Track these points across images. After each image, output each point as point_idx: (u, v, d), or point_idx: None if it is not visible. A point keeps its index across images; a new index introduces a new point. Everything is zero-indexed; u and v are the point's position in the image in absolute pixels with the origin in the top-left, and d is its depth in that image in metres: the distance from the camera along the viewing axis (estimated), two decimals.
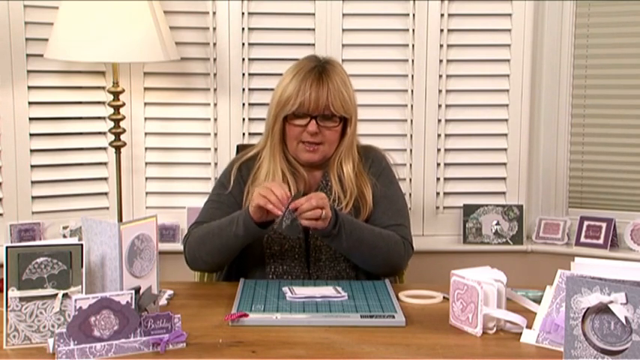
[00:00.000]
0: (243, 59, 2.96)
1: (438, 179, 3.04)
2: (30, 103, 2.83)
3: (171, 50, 2.72)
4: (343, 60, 2.90)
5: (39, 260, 1.60)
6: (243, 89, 2.97)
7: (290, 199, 1.98)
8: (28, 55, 2.80)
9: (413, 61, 2.97)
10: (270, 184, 2.03)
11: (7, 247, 1.58)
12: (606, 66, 3.01)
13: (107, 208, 2.97)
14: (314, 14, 2.94)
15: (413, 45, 2.96)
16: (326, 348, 1.62)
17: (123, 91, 2.80)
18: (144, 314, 1.60)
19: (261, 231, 2.07)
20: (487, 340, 1.67)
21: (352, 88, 2.24)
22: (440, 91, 2.99)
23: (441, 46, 2.97)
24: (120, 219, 2.83)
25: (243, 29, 2.94)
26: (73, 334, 1.52)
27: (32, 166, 2.86)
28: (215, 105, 2.98)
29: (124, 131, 2.83)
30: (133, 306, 1.57)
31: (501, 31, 2.99)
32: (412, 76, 2.98)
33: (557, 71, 3.03)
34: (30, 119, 2.84)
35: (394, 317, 1.78)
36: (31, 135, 2.85)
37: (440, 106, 3.00)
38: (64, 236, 2.79)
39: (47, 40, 2.68)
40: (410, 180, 3.03)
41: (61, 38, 2.62)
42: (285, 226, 1.97)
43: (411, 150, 3.02)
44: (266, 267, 2.18)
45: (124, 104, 2.82)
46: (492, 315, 1.70)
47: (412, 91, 2.99)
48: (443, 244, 3.03)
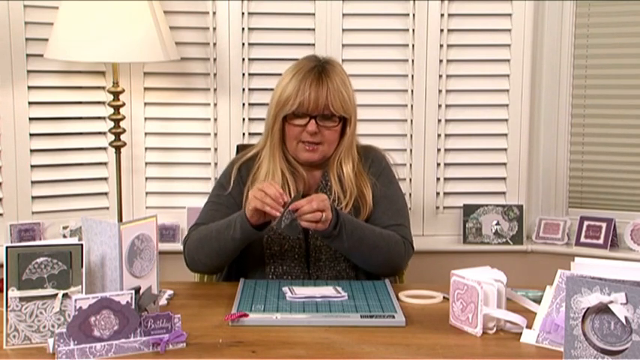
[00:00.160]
0: (243, 59, 2.96)
1: (438, 179, 3.04)
2: (30, 103, 2.83)
3: (171, 50, 2.72)
4: (343, 60, 2.90)
5: (39, 260, 1.60)
6: (243, 89, 2.97)
7: (290, 201, 1.97)
8: (28, 55, 2.80)
9: (413, 61, 2.97)
10: (262, 186, 2.01)
11: (7, 247, 1.58)
12: (606, 66, 3.01)
13: (107, 208, 2.97)
14: (314, 14, 2.94)
15: (413, 45, 2.96)
16: (326, 348, 1.62)
17: (123, 91, 2.80)
18: (144, 314, 1.60)
19: (258, 233, 2.06)
20: (487, 340, 1.67)
21: (352, 88, 2.23)
22: (440, 91, 2.99)
23: (441, 46, 2.97)
24: (120, 219, 2.83)
25: (243, 29, 2.94)
26: (73, 334, 1.52)
27: (32, 166, 2.86)
28: (215, 105, 2.98)
29: (124, 131, 2.83)
30: (133, 306, 1.57)
31: (501, 31, 2.99)
32: (412, 76, 2.98)
33: (557, 71, 3.03)
34: (30, 119, 2.84)
35: (394, 317, 1.78)
36: (31, 135, 2.85)
37: (440, 106, 3.00)
38: (64, 236, 2.79)
39: (47, 40, 2.68)
40: (410, 180, 3.03)
41: (61, 38, 2.62)
42: (284, 226, 1.97)
43: (411, 150, 3.02)
44: (266, 267, 2.18)
45: (124, 104, 2.82)
46: (492, 315, 1.70)
47: (412, 91, 2.99)
48: (443, 244, 3.03)
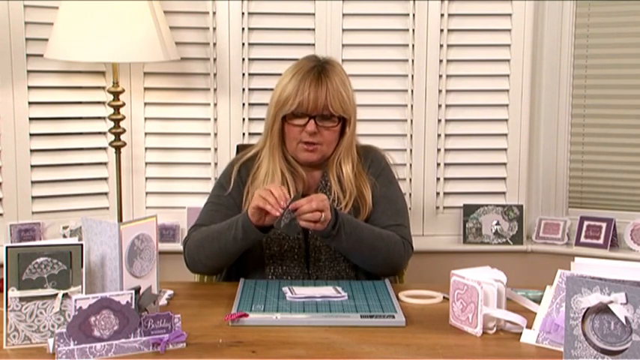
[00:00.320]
0: (243, 59, 2.96)
1: (438, 179, 3.04)
2: (30, 103, 2.83)
3: (171, 50, 2.72)
4: (343, 60, 2.90)
5: (39, 260, 1.60)
6: (243, 89, 2.97)
7: (289, 201, 1.98)
8: (28, 55, 2.80)
9: (413, 61, 2.97)
10: (269, 186, 2.03)
11: (7, 247, 1.58)
12: (606, 66, 3.01)
13: (107, 208, 2.97)
14: (314, 14, 2.94)
15: (413, 45, 2.96)
16: (326, 348, 1.62)
17: (123, 91, 2.80)
18: (144, 314, 1.60)
19: (260, 234, 2.06)
20: (487, 340, 1.67)
21: (351, 89, 2.23)
22: (440, 91, 2.99)
23: (441, 46, 2.97)
24: (120, 219, 2.83)
25: (243, 29, 2.94)
26: (73, 334, 1.52)
27: (32, 166, 2.86)
28: (215, 105, 2.98)
29: (124, 131, 2.83)
30: (133, 306, 1.57)
31: (501, 31, 2.99)
32: (412, 76, 2.98)
33: (557, 71, 3.03)
34: (30, 119, 2.84)
35: (394, 317, 1.78)
36: (31, 135, 2.85)
37: (440, 106, 3.00)
38: (64, 236, 2.79)
39: (47, 40, 2.68)
40: (410, 180, 3.03)
41: (61, 38, 2.62)
42: (283, 225, 1.97)
43: (411, 150, 3.02)
44: (265, 268, 2.18)
45: (124, 104, 2.82)
46: (492, 315, 1.70)
47: (412, 91, 2.99)
48: (443, 244, 3.03)
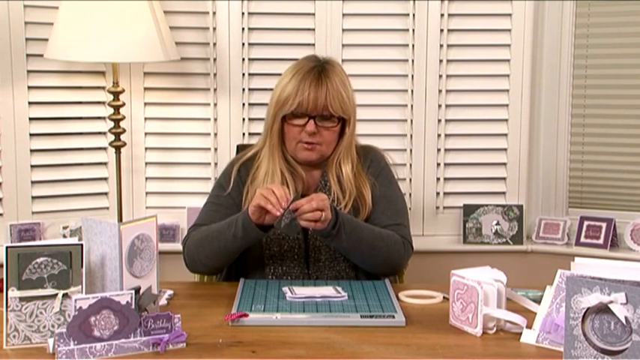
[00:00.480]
0: (243, 59, 2.96)
1: (438, 179, 3.04)
2: (30, 103, 2.83)
3: (171, 50, 2.72)
4: (343, 60, 2.90)
5: (39, 260, 1.60)
6: (243, 89, 2.97)
7: (290, 201, 1.98)
8: (28, 55, 2.80)
9: (413, 61, 2.97)
10: (271, 185, 2.03)
11: (7, 247, 1.58)
12: (606, 66, 3.01)
13: (107, 208, 2.97)
14: (314, 14, 2.94)
15: (413, 45, 2.96)
16: (326, 348, 1.62)
17: (123, 91, 2.80)
18: (144, 314, 1.60)
19: (260, 233, 2.06)
20: (487, 340, 1.67)
21: (351, 89, 2.23)
22: (440, 91, 2.99)
23: (441, 46, 2.97)
24: (120, 219, 2.83)
25: (243, 29, 2.94)
26: (73, 334, 1.52)
27: (32, 166, 2.86)
28: (215, 105, 2.98)
29: (124, 131, 2.83)
30: (133, 306, 1.57)
31: (501, 31, 2.99)
32: (412, 76, 2.98)
33: (557, 71, 3.03)
34: (30, 119, 2.84)
35: (394, 317, 1.78)
36: (31, 135, 2.85)
37: (440, 106, 3.00)
38: (64, 236, 2.79)
39: (47, 40, 2.68)
40: (410, 180, 3.03)
41: (61, 38, 2.62)
42: (283, 225, 1.97)
43: (411, 150, 3.02)
44: (265, 268, 2.18)
45: (124, 104, 2.82)
46: (492, 315, 1.70)
47: (412, 91, 2.99)
48: (443, 244, 3.03)
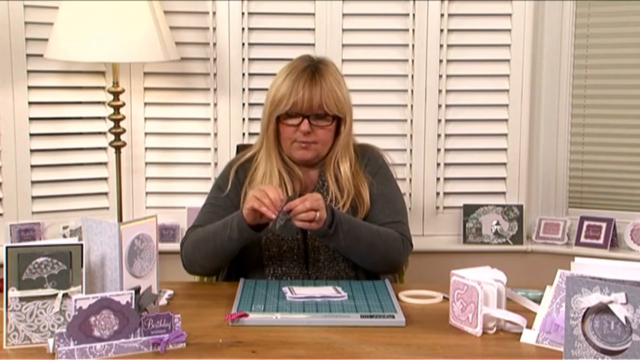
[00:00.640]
0: (243, 59, 2.96)
1: (438, 179, 3.04)
2: (30, 103, 2.83)
3: (171, 50, 2.72)
4: (343, 60, 2.90)
5: (39, 260, 1.60)
6: (243, 89, 2.97)
7: (284, 201, 1.97)
8: (28, 55, 2.80)
9: (413, 61, 2.97)
10: (265, 187, 2.03)
11: (7, 247, 1.58)
12: (606, 66, 3.01)
13: (107, 208, 2.97)
14: (314, 14, 2.94)
15: (413, 45, 2.96)
16: (326, 348, 1.62)
17: (123, 91, 2.80)
18: (144, 314, 1.60)
19: (254, 234, 2.06)
20: (487, 340, 1.67)
21: (346, 88, 2.23)
22: (440, 91, 2.99)
23: (441, 46, 2.97)
24: (120, 219, 2.83)
25: (243, 29, 2.94)
26: (73, 334, 1.52)
27: (32, 166, 2.86)
28: (215, 105, 2.98)
29: (124, 131, 2.83)
30: (133, 306, 1.57)
31: (501, 31, 2.99)
32: (412, 76, 2.98)
33: (557, 71, 3.03)
34: (30, 119, 2.84)
35: (394, 317, 1.78)
36: (31, 135, 2.85)
37: (440, 106, 3.00)
38: (64, 236, 2.79)
39: (47, 40, 2.68)
40: (410, 180, 3.03)
41: (61, 38, 2.62)
42: (278, 227, 1.97)
43: (411, 150, 3.02)
44: (265, 269, 2.18)
45: (124, 104, 2.82)
46: (492, 315, 1.70)
47: (412, 91, 2.99)
48: (443, 244, 3.03)
